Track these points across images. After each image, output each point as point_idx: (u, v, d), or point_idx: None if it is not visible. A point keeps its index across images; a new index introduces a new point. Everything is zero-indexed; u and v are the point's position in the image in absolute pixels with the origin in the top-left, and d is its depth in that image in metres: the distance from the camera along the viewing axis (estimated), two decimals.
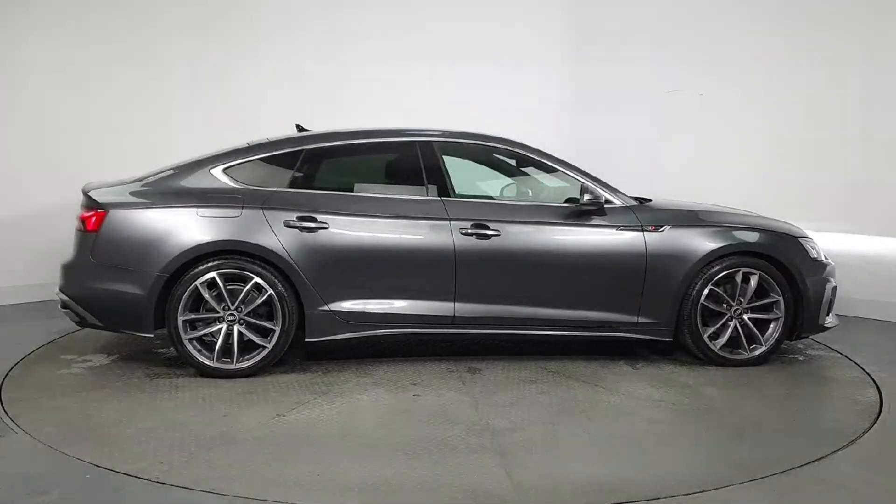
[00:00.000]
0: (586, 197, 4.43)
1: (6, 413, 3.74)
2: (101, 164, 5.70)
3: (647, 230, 4.50)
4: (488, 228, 4.38)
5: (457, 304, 4.39)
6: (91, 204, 4.32)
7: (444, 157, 4.60)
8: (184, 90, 6.83)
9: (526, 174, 5.04)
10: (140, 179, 4.48)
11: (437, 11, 7.40)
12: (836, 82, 6.09)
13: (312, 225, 4.27)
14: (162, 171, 4.51)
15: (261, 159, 4.50)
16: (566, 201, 4.64)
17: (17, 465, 3.18)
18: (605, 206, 4.50)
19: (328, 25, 7.19)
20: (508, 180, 5.16)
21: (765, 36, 6.46)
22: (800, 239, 4.71)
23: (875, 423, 3.64)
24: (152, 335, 4.30)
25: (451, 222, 4.37)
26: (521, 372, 4.43)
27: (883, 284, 5.92)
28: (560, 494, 2.86)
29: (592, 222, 4.50)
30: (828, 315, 4.72)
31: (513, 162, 4.97)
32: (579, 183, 4.60)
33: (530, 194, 5.07)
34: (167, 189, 4.38)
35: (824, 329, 4.72)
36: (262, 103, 6.89)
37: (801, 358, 4.83)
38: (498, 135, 4.77)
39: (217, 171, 4.42)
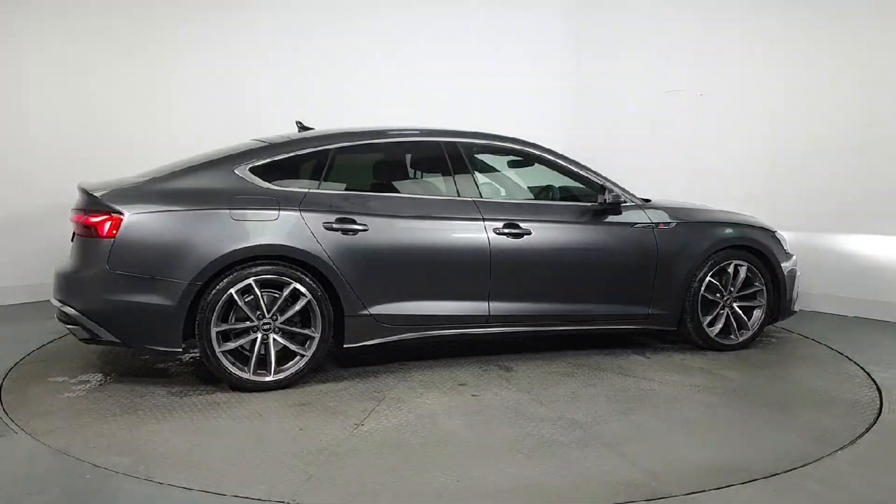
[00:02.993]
0: (609, 196, 4.64)
1: (6, 413, 3.63)
2: (101, 164, 5.36)
3: (657, 227, 4.81)
4: (519, 227, 4.47)
5: (491, 304, 4.44)
6: (101, 207, 3.89)
7: (469, 158, 4.63)
8: (183, 89, 6.72)
9: (499, 172, 5.18)
10: (149, 179, 4.10)
11: (436, 10, 7.42)
12: (836, 82, 6.15)
13: (353, 227, 4.14)
14: (172, 171, 4.17)
15: (287, 158, 4.28)
16: (571, 199, 4.85)
17: (17, 465, 3.09)
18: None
19: (328, 24, 7.14)
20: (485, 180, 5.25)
21: (765, 36, 6.55)
22: (775, 233, 5.23)
23: (875, 423, 3.68)
24: (181, 350, 3.96)
25: (485, 222, 4.41)
26: (551, 367, 4.56)
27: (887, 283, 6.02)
28: (694, 477, 3.02)
29: (612, 220, 4.72)
30: (795, 301, 5.29)
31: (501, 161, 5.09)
32: (576, 181, 4.85)
33: (503, 193, 5.20)
34: (189, 190, 4.04)
35: (794, 313, 5.28)
36: (261, 102, 6.78)
37: (773, 341, 5.36)
38: (512, 135, 4.86)
39: (243, 171, 4.15)
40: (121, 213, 3.85)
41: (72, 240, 4.24)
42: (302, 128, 4.88)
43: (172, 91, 6.72)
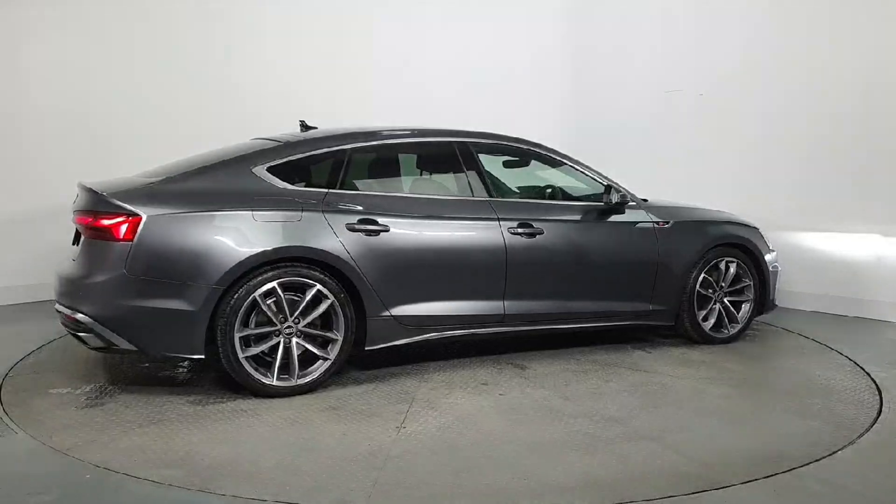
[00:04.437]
0: (616, 196, 4.75)
1: (6, 413, 3.60)
2: (101, 164, 5.23)
3: (657, 225, 4.95)
4: (532, 227, 4.52)
5: (506, 303, 4.47)
6: (116, 209, 3.71)
7: (479, 157, 4.64)
8: (183, 88, 6.70)
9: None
10: (163, 179, 3.93)
11: (438, 10, 7.43)
12: (836, 82, 6.14)
13: (374, 228, 4.09)
14: (185, 171, 4.02)
15: (305, 158, 4.20)
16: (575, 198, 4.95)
17: (17, 465, 3.08)
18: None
19: (329, 23, 7.15)
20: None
21: (765, 35, 6.55)
22: (758, 230, 5.47)
23: (875, 423, 3.67)
24: (204, 357, 3.81)
25: (501, 222, 4.44)
26: (563, 364, 4.63)
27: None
28: (744, 466, 3.12)
29: (617, 220, 4.84)
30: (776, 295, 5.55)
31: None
32: (580, 181, 4.96)
33: (510, 192, 5.22)
34: (206, 190, 3.90)
35: (776, 306, 5.54)
36: (261, 101, 6.76)
37: (757, 334, 5.60)
38: (517, 136, 4.90)
39: (261, 171, 4.03)
40: (138, 215, 3.68)
41: (75, 242, 4.03)
42: (305, 127, 4.77)
43: (172, 90, 6.68)
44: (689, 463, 3.16)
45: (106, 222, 3.70)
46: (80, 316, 3.70)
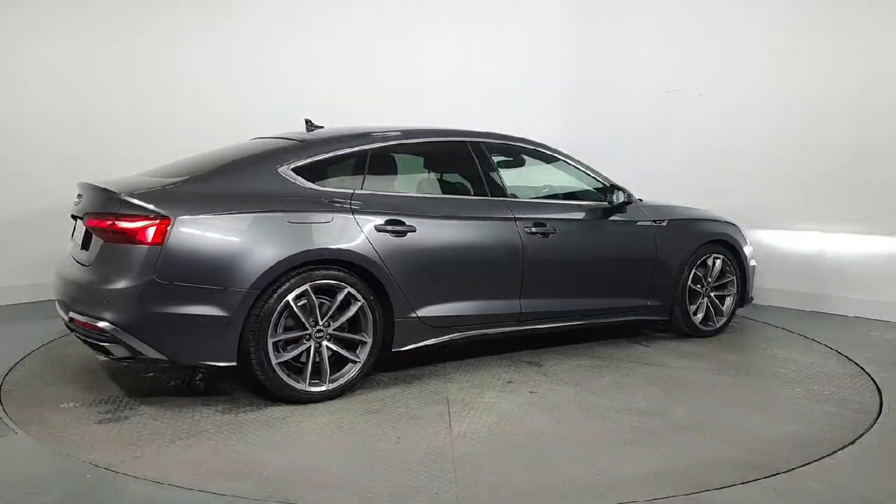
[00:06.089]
0: (622, 196, 4.88)
1: (6, 413, 3.56)
2: (101, 164, 5.20)
3: (655, 224, 5.12)
4: (546, 226, 4.58)
5: (522, 301, 4.51)
6: (140, 211, 3.51)
7: (493, 158, 4.67)
8: (184, 88, 6.59)
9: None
10: (182, 179, 3.75)
11: (438, 9, 7.39)
12: (836, 82, 6.17)
13: (401, 229, 4.04)
14: (208, 171, 3.87)
15: (327, 158, 4.10)
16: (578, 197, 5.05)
17: (17, 465, 3.06)
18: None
19: (329, 21, 7.12)
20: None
21: (765, 35, 6.58)
22: (739, 227, 5.74)
23: (875, 423, 3.69)
24: (236, 364, 3.65)
25: (517, 222, 4.48)
26: (575, 360, 4.71)
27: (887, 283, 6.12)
28: (792, 451, 3.28)
29: (620, 219, 4.97)
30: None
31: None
32: (583, 181, 5.08)
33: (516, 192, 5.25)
34: (235, 191, 3.75)
35: (752, 300, 5.83)
36: (261, 100, 6.70)
37: (738, 327, 5.88)
38: (521, 136, 4.95)
39: (286, 171, 3.91)
40: (167, 217, 3.49)
41: (84, 246, 3.79)
42: (311, 126, 4.67)
43: (172, 90, 6.56)
44: (742, 451, 3.29)
45: (129, 225, 3.49)
46: (103, 325, 3.47)
